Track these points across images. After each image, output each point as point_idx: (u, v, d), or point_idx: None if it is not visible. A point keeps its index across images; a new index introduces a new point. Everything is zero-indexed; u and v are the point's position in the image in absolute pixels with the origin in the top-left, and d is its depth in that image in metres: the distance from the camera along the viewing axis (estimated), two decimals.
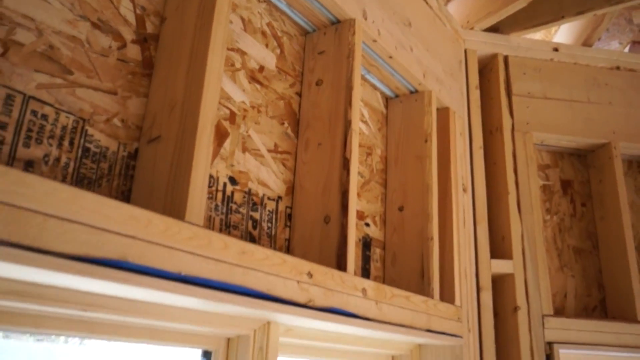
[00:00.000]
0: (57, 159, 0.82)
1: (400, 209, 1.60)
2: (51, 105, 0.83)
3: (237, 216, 1.12)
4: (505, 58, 2.11)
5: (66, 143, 0.84)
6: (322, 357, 1.35)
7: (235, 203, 1.12)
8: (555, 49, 2.16)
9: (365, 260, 1.51)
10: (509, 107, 2.03)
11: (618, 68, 2.21)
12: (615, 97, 2.16)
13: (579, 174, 2.16)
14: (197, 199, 0.85)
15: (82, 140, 0.86)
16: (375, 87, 1.68)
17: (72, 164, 0.84)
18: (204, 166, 0.86)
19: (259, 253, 0.92)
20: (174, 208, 0.84)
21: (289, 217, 1.25)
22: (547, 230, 2.03)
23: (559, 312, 1.92)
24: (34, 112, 0.80)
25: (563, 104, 2.10)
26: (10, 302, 0.74)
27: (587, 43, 2.37)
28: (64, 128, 0.84)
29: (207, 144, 0.87)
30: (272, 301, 0.93)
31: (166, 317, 0.92)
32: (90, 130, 0.88)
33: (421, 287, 1.49)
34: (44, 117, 0.82)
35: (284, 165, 1.27)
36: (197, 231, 0.81)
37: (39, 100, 0.81)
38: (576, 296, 1.98)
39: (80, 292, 0.79)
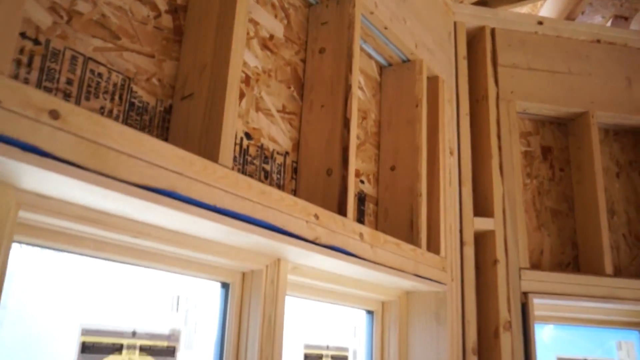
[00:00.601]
0: (110, 111, 1.02)
1: (392, 168, 1.80)
2: (105, 66, 1.01)
3: (251, 167, 1.32)
4: (492, 30, 2.31)
5: (117, 98, 1.03)
6: (323, 297, 1.57)
7: (250, 155, 1.32)
8: (540, 23, 2.36)
9: (360, 214, 1.72)
10: (494, 77, 2.23)
11: (599, 41, 2.42)
12: (595, 68, 2.37)
13: (559, 141, 2.38)
14: (228, 145, 1.04)
15: (128, 96, 1.05)
16: (370, 56, 1.87)
17: (121, 116, 1.03)
18: (233, 118, 1.06)
19: (276, 194, 1.12)
20: (207, 154, 1.04)
21: (295, 170, 1.45)
22: (527, 193, 2.26)
23: (535, 266, 2.16)
24: (92, 71, 0.99)
25: (545, 74, 2.31)
26: (79, 225, 0.93)
27: (570, 17, 2.58)
28: (115, 85, 1.03)
29: (235, 99, 1.07)
30: (286, 235, 1.13)
31: (197, 248, 1.12)
32: (135, 88, 1.07)
33: (410, 238, 1.70)
34: (100, 75, 1.00)
35: (290, 124, 1.46)
36: (228, 172, 1.01)
37: (95, 61, 1.00)
38: (551, 253, 2.22)
39: (132, 220, 0.99)
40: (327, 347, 1.59)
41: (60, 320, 0.98)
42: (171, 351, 1.15)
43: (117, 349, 1.05)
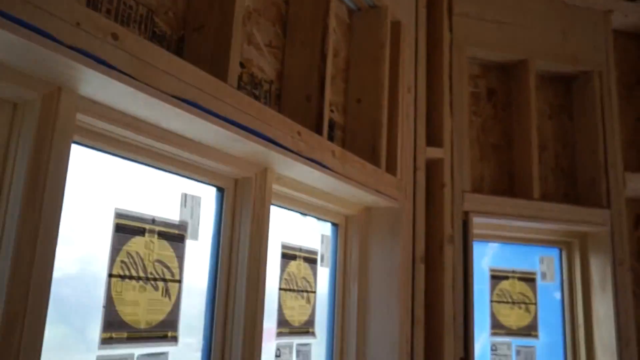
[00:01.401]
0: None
1: (358, 101, 2.06)
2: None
3: (244, 91, 1.55)
4: None
5: (143, 26, 1.24)
6: (299, 208, 1.84)
7: (243, 82, 1.55)
8: None
9: (330, 139, 1.98)
10: (449, 25, 2.49)
11: None
12: (536, 21, 2.66)
13: (502, 84, 2.68)
14: (234, 70, 1.28)
15: (151, 26, 1.27)
16: (342, 1, 2.09)
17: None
18: (238, 47, 1.29)
19: (269, 112, 1.37)
20: (217, 75, 1.27)
21: (278, 96, 1.70)
22: (472, 128, 2.57)
23: (476, 191, 2.49)
24: (125, 3, 1.20)
25: (494, 24, 2.59)
26: (119, 129, 1.16)
27: None
28: (141, 16, 1.24)
29: (240, 31, 1.30)
30: (276, 145, 1.39)
31: (203, 154, 1.37)
32: (156, 19, 1.28)
33: (372, 160, 1.98)
34: (130, 7, 1.22)
35: (275, 57, 1.70)
36: (234, 91, 1.26)
37: None
38: (491, 180, 2.55)
39: (159, 127, 1.22)
40: (300, 249, 1.87)
41: (101, 206, 1.22)
42: (181, 238, 1.40)
43: (141, 231, 1.30)
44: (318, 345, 1.96)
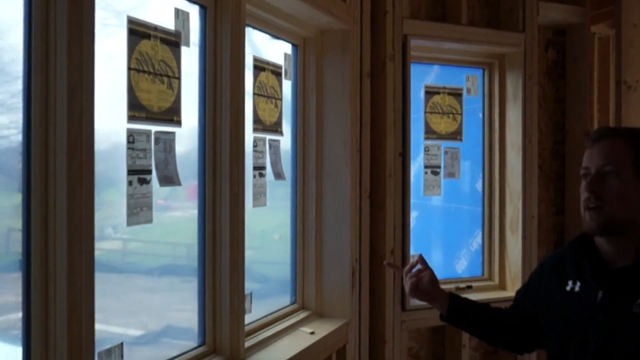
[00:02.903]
0: None
1: None
2: None
3: None
4: None
5: None
6: (266, 28, 2.15)
7: None
8: None
9: None
10: None
11: None
12: None
13: None
14: None
15: None
16: None
17: None
18: None
19: None
20: None
21: None
22: None
23: (414, 17, 2.81)
24: None
25: None
26: None
27: None
28: None
29: None
30: None
31: None
32: None
33: None
34: None
35: None
36: None
37: None
38: (426, 10, 2.88)
39: None
40: (268, 63, 2.20)
41: (116, 14, 1.51)
42: (176, 44, 1.71)
43: (147, 36, 1.60)
44: (285, 141, 2.37)
